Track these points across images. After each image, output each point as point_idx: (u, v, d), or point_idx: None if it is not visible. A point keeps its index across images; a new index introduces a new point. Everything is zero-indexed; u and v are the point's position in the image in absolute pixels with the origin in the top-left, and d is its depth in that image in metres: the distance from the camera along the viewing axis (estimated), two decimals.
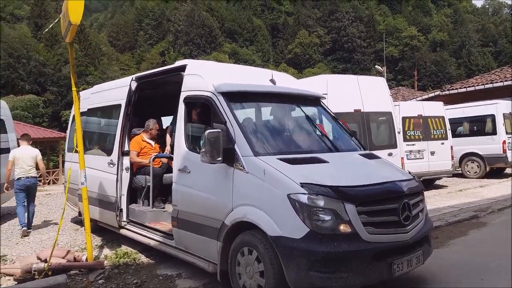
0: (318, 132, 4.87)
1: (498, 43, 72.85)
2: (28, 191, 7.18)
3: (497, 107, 12.74)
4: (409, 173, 4.37)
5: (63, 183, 14.05)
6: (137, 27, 73.38)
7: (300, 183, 3.33)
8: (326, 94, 6.90)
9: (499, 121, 12.56)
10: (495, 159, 12.62)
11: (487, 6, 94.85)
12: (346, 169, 3.97)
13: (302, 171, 3.54)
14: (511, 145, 12.68)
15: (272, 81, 4.70)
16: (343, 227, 3.23)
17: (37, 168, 7.36)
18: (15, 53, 42.53)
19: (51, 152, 27.73)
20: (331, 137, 4.84)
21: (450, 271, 4.49)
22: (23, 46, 43.58)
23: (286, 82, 5.08)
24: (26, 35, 46.25)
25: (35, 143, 19.11)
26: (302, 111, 4.93)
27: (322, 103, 5.19)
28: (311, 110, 5.05)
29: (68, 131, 8.43)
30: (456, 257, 5.01)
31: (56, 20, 5.11)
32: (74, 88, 4.92)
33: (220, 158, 3.73)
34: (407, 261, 3.50)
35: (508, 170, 13.56)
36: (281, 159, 3.68)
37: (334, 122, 5.01)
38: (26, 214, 7.17)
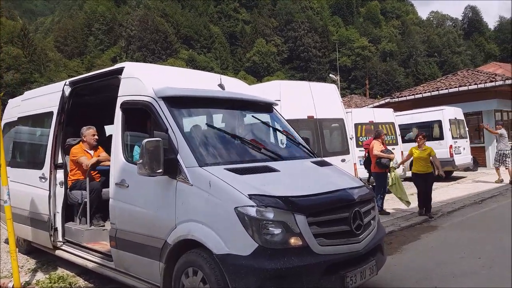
0: (269, 140, 4.66)
1: (442, 53, 77.61)
2: None
3: (444, 113, 13.32)
4: (360, 180, 4.25)
5: None
6: (86, 32, 70.65)
7: (249, 195, 3.08)
8: (279, 100, 6.74)
9: (446, 127, 13.10)
10: (443, 163, 13.02)
11: (432, 18, 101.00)
12: (297, 177, 3.76)
13: (251, 181, 3.29)
14: (458, 149, 13.26)
15: (221, 86, 4.41)
16: (293, 240, 3.02)
17: None
18: None
19: None
20: (283, 145, 4.64)
21: (404, 279, 4.42)
22: None
23: (236, 87, 4.81)
24: None
25: None
26: (253, 118, 4.69)
27: (274, 110, 4.99)
28: (262, 117, 4.82)
29: None
30: (410, 264, 4.96)
31: None
32: None
33: (160, 170, 3.39)
34: (360, 272, 3.34)
35: (455, 174, 14.14)
36: (228, 169, 3.41)
37: (287, 129, 4.81)
38: None
